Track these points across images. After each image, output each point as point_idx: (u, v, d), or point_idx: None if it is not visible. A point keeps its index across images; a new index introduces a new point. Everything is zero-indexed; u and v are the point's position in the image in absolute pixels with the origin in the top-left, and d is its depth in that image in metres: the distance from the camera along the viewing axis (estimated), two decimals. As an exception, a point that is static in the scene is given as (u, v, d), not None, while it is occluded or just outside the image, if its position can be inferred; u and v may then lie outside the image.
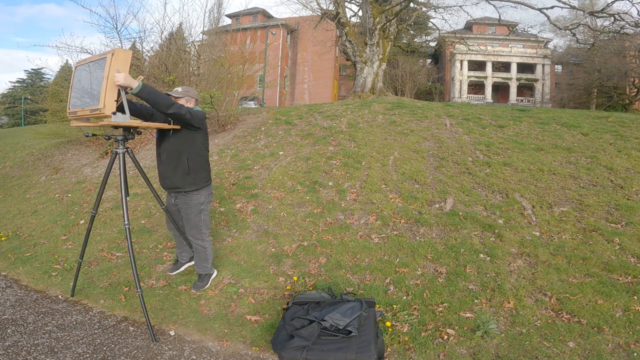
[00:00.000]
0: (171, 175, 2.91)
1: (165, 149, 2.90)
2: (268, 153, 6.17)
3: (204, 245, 3.12)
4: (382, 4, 13.43)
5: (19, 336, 2.61)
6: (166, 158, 2.90)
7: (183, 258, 3.51)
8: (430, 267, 3.33)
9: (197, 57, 9.69)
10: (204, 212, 3.07)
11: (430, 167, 5.15)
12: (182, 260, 3.51)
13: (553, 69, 32.76)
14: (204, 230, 3.10)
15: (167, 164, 2.91)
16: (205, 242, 3.13)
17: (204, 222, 3.08)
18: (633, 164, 4.76)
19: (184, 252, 3.47)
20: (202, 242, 3.11)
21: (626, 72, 22.70)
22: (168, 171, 2.91)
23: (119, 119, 2.41)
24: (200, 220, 3.05)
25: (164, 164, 2.93)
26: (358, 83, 13.18)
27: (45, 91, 16.69)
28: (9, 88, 38.40)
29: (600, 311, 2.65)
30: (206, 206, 3.08)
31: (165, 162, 2.92)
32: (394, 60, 24.35)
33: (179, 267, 3.50)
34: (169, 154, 2.88)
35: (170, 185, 2.97)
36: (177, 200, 3.04)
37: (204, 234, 3.11)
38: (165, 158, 2.91)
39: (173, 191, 3.03)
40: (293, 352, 2.24)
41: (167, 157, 2.90)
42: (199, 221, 3.04)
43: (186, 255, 3.49)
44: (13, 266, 3.81)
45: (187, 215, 3.05)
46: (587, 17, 12.95)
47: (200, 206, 3.02)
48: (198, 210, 3.02)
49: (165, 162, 2.92)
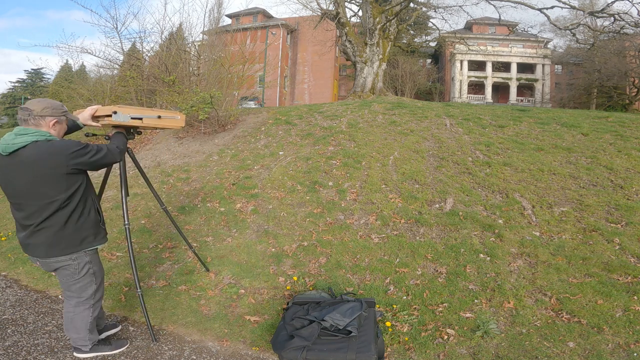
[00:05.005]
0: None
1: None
2: (268, 153, 6.16)
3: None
4: (382, 4, 13.42)
5: (19, 336, 2.61)
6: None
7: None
8: (430, 267, 3.33)
9: (197, 57, 9.70)
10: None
11: (430, 167, 5.15)
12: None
13: (553, 69, 32.76)
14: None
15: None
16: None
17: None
18: (633, 164, 4.76)
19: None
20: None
21: (626, 72, 22.70)
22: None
23: (119, 118, 2.42)
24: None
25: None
26: (358, 83, 13.18)
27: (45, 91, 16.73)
28: (9, 88, 38.43)
29: (600, 311, 2.64)
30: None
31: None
32: (394, 60, 24.33)
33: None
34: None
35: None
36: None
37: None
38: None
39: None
40: (293, 352, 2.24)
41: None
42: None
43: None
44: (13, 266, 3.81)
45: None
46: (587, 17, 12.95)
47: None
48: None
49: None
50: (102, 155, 2.17)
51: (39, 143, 2.02)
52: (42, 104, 2.10)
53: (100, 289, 2.41)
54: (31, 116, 2.06)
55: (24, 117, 2.08)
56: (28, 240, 2.16)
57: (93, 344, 2.42)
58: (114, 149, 2.29)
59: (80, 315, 2.32)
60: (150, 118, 2.65)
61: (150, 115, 2.66)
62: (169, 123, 2.80)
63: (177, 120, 2.86)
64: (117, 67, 10.06)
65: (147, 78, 9.02)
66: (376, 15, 12.94)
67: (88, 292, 2.31)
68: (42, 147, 2.01)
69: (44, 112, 2.07)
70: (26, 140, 1.99)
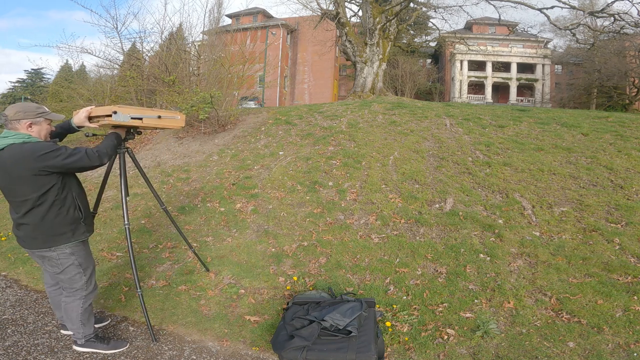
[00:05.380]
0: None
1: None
2: (268, 153, 6.17)
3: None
4: (382, 4, 13.42)
5: (19, 336, 2.61)
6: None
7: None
8: (430, 267, 3.33)
9: (197, 57, 9.70)
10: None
11: (430, 167, 5.15)
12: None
13: (553, 69, 32.76)
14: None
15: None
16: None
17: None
18: (633, 164, 4.76)
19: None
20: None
21: (626, 72, 22.70)
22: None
23: (119, 118, 2.42)
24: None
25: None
26: (358, 83, 13.18)
27: (45, 91, 16.71)
28: (9, 88, 38.44)
29: (600, 311, 2.64)
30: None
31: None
32: (394, 60, 24.33)
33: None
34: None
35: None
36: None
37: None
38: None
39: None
40: (293, 352, 2.24)
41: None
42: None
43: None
44: (13, 266, 3.81)
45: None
46: (587, 17, 12.95)
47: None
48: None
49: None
50: (75, 159, 2.18)
51: (15, 145, 2.11)
52: (15, 108, 2.18)
53: (92, 281, 2.44)
54: (7, 121, 2.17)
55: (2, 122, 2.21)
56: (16, 231, 2.32)
57: (87, 339, 2.45)
58: (92, 153, 2.25)
59: (71, 305, 2.38)
60: (151, 118, 2.65)
61: (151, 115, 2.66)
62: (169, 123, 2.80)
63: (177, 121, 2.86)
64: (117, 67, 10.05)
65: (147, 78, 9.02)
66: (376, 15, 12.94)
67: (79, 283, 2.37)
68: (15, 150, 2.10)
69: (16, 116, 2.16)
70: (5, 143, 2.10)
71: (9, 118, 2.15)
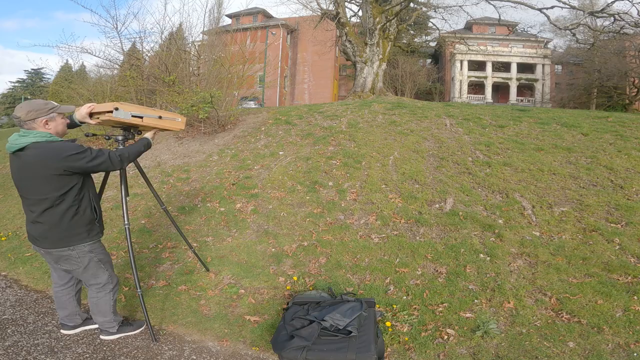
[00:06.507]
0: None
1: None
2: (268, 153, 6.16)
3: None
4: (382, 4, 13.42)
5: (19, 336, 2.61)
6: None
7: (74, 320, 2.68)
8: (430, 267, 3.33)
9: (197, 57, 9.70)
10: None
11: (430, 167, 5.15)
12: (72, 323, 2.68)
13: (553, 69, 32.76)
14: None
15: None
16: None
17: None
18: (633, 164, 4.76)
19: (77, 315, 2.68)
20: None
21: (626, 72, 22.71)
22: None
23: (121, 115, 2.43)
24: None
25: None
26: (358, 83, 13.18)
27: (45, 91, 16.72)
28: (9, 88, 38.47)
29: (600, 311, 2.64)
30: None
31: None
32: (394, 60, 24.34)
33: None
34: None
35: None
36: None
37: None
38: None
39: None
40: (293, 352, 2.24)
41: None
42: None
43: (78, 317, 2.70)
44: (13, 266, 3.81)
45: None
46: (587, 17, 12.94)
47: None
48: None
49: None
50: (99, 162, 2.21)
51: (40, 144, 2.11)
52: (25, 108, 2.15)
53: (114, 274, 2.55)
54: (22, 122, 2.14)
55: (17, 124, 2.19)
56: (30, 230, 2.30)
57: (119, 325, 2.62)
58: (115, 157, 2.30)
59: (102, 300, 2.48)
60: (151, 117, 2.66)
61: (152, 114, 2.66)
62: (170, 124, 2.81)
63: (178, 123, 2.87)
64: (117, 67, 10.05)
65: (147, 78, 9.02)
66: (376, 15, 12.94)
67: (103, 278, 2.45)
68: (40, 148, 2.10)
69: (29, 116, 2.13)
70: (27, 141, 2.10)
71: (22, 119, 2.13)
